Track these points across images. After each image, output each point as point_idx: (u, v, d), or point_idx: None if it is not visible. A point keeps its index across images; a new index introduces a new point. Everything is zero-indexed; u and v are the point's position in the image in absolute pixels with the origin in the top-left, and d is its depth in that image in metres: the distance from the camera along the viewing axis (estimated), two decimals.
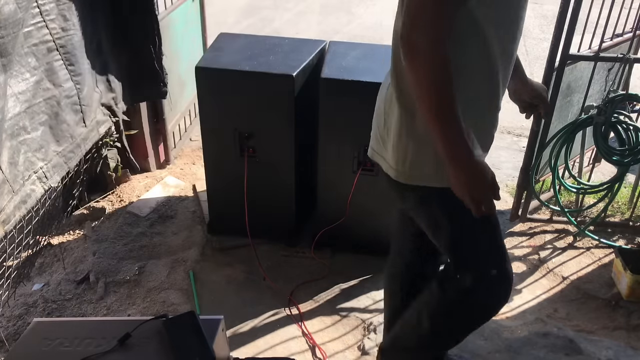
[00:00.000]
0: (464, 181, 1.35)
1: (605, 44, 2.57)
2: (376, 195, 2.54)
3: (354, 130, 2.42)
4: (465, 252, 1.57)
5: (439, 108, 1.29)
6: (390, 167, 1.57)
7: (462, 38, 1.34)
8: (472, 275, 1.55)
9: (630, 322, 2.35)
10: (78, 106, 2.34)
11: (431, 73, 1.27)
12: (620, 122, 2.54)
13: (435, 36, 1.25)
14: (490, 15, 1.35)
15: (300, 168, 2.62)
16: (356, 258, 2.70)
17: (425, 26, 1.26)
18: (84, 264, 2.68)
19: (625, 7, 2.64)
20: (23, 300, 2.51)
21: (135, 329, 1.35)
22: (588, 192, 2.86)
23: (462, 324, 1.68)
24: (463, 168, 1.34)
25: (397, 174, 1.55)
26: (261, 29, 6.43)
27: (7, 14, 1.82)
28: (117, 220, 2.95)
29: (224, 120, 2.54)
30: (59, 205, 2.66)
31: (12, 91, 1.95)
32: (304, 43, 2.67)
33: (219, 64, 2.46)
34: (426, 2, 1.26)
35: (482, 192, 1.37)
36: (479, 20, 1.34)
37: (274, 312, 2.40)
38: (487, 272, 1.55)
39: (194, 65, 2.47)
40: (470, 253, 1.57)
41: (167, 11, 3.22)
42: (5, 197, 1.91)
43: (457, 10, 1.29)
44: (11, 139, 1.97)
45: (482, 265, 1.56)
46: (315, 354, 2.21)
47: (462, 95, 1.32)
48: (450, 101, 1.29)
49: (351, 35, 6.27)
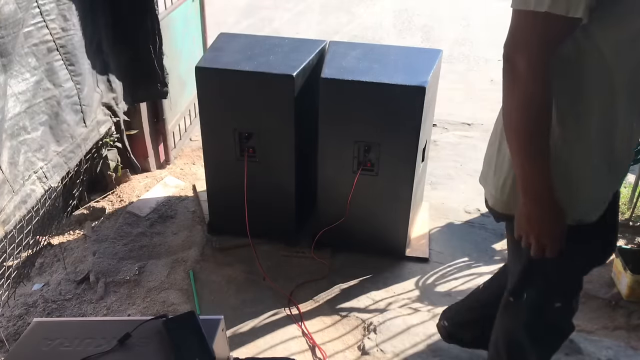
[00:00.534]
0: (534, 217, 1.27)
1: None
2: (376, 195, 2.54)
3: (354, 130, 2.42)
4: (533, 281, 1.52)
5: (526, 137, 1.20)
6: (490, 194, 1.52)
7: (578, 64, 1.20)
8: (535, 303, 1.53)
9: (630, 322, 2.35)
10: (78, 106, 2.34)
11: (526, 98, 1.17)
12: None
13: (536, 60, 1.14)
14: (614, 40, 1.17)
15: (300, 168, 2.62)
16: (356, 258, 2.70)
17: (526, 47, 1.14)
18: (84, 264, 2.68)
19: None
20: (23, 300, 2.51)
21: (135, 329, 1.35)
22: None
23: (531, 351, 1.64)
24: (538, 204, 1.26)
25: (494, 201, 1.50)
26: (261, 29, 6.43)
27: (7, 13, 1.82)
28: (117, 220, 2.95)
29: (224, 120, 2.54)
30: (59, 205, 2.66)
31: (12, 91, 1.95)
32: (304, 43, 2.67)
33: (219, 64, 2.46)
34: (530, 20, 1.13)
35: (551, 235, 1.29)
36: (600, 47, 1.18)
37: (274, 312, 2.40)
38: (551, 303, 1.53)
39: (194, 65, 2.47)
40: (541, 283, 1.52)
41: (167, 11, 3.22)
42: (5, 197, 1.92)
43: (567, 34, 1.15)
44: (11, 139, 1.97)
45: (548, 296, 1.53)
46: (315, 354, 2.21)
47: (578, 128, 1.22)
48: (539, 131, 1.19)
49: (351, 35, 6.27)
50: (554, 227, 1.29)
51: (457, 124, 4.23)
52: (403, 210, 2.57)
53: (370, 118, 2.38)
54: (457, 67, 5.47)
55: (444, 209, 3.10)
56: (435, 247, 2.79)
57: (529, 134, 1.20)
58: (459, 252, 2.77)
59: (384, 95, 2.31)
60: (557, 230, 1.30)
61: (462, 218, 3.03)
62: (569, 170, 1.30)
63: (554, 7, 1.09)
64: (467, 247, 2.81)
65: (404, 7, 7.32)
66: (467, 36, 6.30)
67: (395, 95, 2.30)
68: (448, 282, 2.58)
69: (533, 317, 1.56)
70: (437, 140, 3.90)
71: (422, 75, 2.33)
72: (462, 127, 4.19)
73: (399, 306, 2.43)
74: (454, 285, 2.56)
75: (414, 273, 2.62)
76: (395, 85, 2.28)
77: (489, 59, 5.66)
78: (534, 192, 1.26)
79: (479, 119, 4.30)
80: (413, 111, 2.32)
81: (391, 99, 2.31)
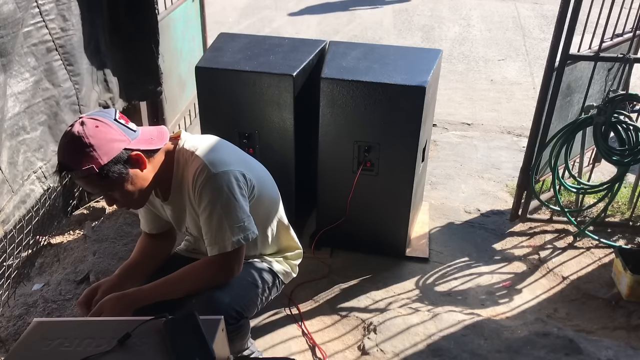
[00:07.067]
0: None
1: (605, 44, 2.56)
2: (376, 195, 2.54)
3: (354, 130, 2.42)
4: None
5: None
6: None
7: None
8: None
9: (630, 322, 2.35)
10: (77, 106, 2.34)
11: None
12: (620, 122, 2.54)
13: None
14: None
15: (300, 168, 2.62)
16: (356, 258, 2.70)
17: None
18: (84, 264, 2.68)
19: (625, 7, 2.64)
20: (23, 300, 2.50)
21: (135, 329, 1.35)
22: (588, 192, 2.86)
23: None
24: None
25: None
26: (261, 29, 6.43)
27: (7, 13, 1.82)
28: (117, 220, 2.95)
29: (224, 120, 2.54)
30: (58, 205, 2.66)
31: (11, 91, 1.96)
32: (304, 43, 2.67)
33: (219, 64, 2.46)
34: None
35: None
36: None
37: (274, 312, 2.40)
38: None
39: (194, 65, 2.47)
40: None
41: (167, 11, 3.22)
42: (4, 197, 1.92)
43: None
44: (11, 138, 1.97)
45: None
46: (315, 354, 2.21)
47: None
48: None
49: (351, 35, 6.27)
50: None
51: (457, 124, 4.23)
52: (403, 210, 2.56)
53: (370, 118, 2.38)
54: (457, 67, 5.47)
55: (444, 209, 3.10)
56: (435, 247, 2.79)
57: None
58: (459, 252, 2.77)
59: (384, 95, 2.31)
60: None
61: (462, 218, 3.03)
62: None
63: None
64: (467, 247, 2.81)
65: (404, 7, 7.32)
66: (467, 36, 6.30)
67: (395, 95, 2.30)
68: (448, 282, 2.58)
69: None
70: (437, 140, 3.90)
71: (422, 75, 2.32)
72: (462, 127, 4.19)
73: (399, 306, 2.43)
74: (454, 285, 2.56)
75: (414, 273, 2.62)
76: (395, 85, 2.28)
77: (489, 59, 5.67)
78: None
79: (479, 119, 4.30)
80: (413, 111, 2.32)
81: (391, 99, 2.31)
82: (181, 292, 1.71)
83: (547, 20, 6.67)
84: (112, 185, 1.58)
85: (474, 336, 2.25)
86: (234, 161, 1.72)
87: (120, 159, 1.55)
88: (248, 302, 1.80)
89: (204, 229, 1.70)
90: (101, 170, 1.52)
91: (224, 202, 1.65)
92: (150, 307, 1.64)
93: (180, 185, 1.73)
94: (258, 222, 1.78)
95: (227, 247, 1.67)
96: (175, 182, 1.74)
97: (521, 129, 4.06)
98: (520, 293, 2.52)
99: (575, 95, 2.74)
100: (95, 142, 1.50)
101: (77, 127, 1.51)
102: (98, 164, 1.50)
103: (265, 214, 1.90)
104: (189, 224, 1.84)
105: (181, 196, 1.75)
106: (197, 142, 1.73)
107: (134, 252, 1.93)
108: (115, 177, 1.56)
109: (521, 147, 3.69)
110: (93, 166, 1.50)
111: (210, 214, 1.66)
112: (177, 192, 1.75)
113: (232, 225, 1.66)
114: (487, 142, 3.91)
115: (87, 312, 1.72)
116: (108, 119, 1.56)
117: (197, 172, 1.65)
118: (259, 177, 1.84)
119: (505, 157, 3.68)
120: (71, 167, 1.52)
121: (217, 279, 1.72)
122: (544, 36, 6.20)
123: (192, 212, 1.76)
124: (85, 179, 1.54)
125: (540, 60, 5.42)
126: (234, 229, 1.66)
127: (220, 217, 1.65)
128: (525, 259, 2.72)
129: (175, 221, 1.88)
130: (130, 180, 1.59)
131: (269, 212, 1.92)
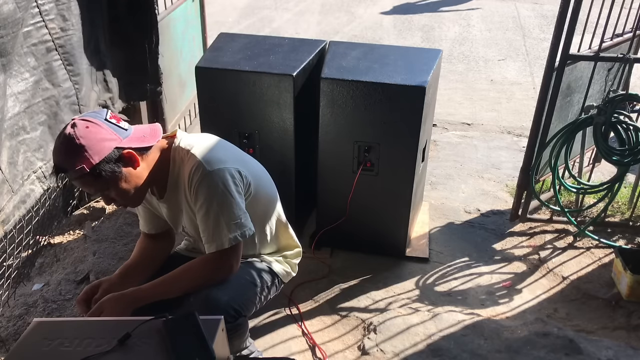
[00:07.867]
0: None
1: (605, 44, 2.56)
2: (376, 195, 2.54)
3: (354, 130, 2.42)
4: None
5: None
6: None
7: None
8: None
9: (630, 322, 2.35)
10: (76, 106, 2.34)
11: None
12: (620, 122, 2.54)
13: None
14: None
15: (300, 168, 2.62)
16: (356, 258, 2.70)
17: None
18: (84, 264, 2.68)
19: (625, 7, 2.64)
20: (23, 300, 2.50)
21: (135, 328, 1.35)
22: (588, 192, 2.86)
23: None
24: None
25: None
26: (261, 29, 6.43)
27: (7, 13, 1.82)
28: (117, 220, 2.95)
29: (224, 120, 2.54)
30: (58, 205, 2.66)
31: (11, 91, 1.95)
32: (304, 43, 2.67)
33: (219, 64, 2.46)
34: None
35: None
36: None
37: (274, 312, 2.40)
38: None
39: (194, 65, 2.47)
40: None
41: (167, 11, 3.22)
42: (4, 197, 1.91)
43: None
44: (10, 138, 1.97)
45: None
46: (315, 354, 2.21)
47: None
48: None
49: (351, 35, 6.27)
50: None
51: (457, 124, 4.23)
52: (403, 210, 2.56)
53: (370, 118, 2.38)
54: (457, 67, 5.47)
55: (444, 209, 3.10)
56: (435, 247, 2.79)
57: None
58: (459, 252, 2.77)
59: (384, 95, 2.31)
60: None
61: (462, 218, 3.03)
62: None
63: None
64: (467, 247, 2.81)
65: (404, 7, 7.32)
66: (467, 36, 6.30)
67: (395, 95, 2.30)
68: (448, 282, 2.58)
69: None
70: (437, 140, 3.90)
71: (422, 75, 2.32)
72: (462, 127, 4.19)
73: (399, 306, 2.43)
74: (454, 285, 2.56)
75: (414, 273, 2.62)
76: (395, 85, 2.28)
77: (489, 59, 5.66)
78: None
79: (479, 119, 4.30)
80: (413, 111, 2.32)
81: (391, 99, 2.31)
82: (180, 290, 1.72)
83: (547, 20, 6.67)
84: (106, 184, 1.59)
85: (474, 336, 2.25)
86: (230, 159, 1.73)
87: (112, 157, 1.56)
88: (246, 301, 1.81)
89: (201, 227, 1.71)
90: (93, 169, 1.53)
91: (220, 199, 1.65)
92: (149, 307, 1.64)
93: (177, 183, 1.74)
94: (256, 220, 1.79)
95: (224, 244, 1.68)
96: (171, 180, 1.74)
97: (521, 129, 4.06)
98: (520, 293, 2.52)
99: (575, 95, 2.74)
100: (86, 143, 1.52)
101: (68, 129, 1.53)
102: (90, 164, 1.52)
103: (263, 211, 1.90)
104: (185, 223, 1.84)
105: (177, 194, 1.76)
106: (192, 140, 1.73)
107: (133, 253, 1.94)
108: (109, 175, 1.57)
109: (521, 147, 3.69)
110: (84, 166, 1.51)
111: (207, 211, 1.66)
112: (173, 190, 1.76)
113: (228, 222, 1.66)
114: (487, 142, 3.91)
115: (86, 309, 1.72)
116: (99, 119, 1.57)
117: (192, 170, 1.65)
118: (256, 174, 1.84)
119: (505, 157, 3.68)
120: (65, 168, 1.54)
121: (215, 276, 1.73)
122: (544, 36, 6.20)
123: (189, 210, 1.76)
124: (79, 179, 1.56)
125: (540, 60, 5.42)
126: (230, 225, 1.67)
127: (217, 214, 1.66)
128: (525, 259, 2.72)
129: (172, 220, 1.88)
130: (124, 179, 1.61)
131: (267, 209, 1.93)
